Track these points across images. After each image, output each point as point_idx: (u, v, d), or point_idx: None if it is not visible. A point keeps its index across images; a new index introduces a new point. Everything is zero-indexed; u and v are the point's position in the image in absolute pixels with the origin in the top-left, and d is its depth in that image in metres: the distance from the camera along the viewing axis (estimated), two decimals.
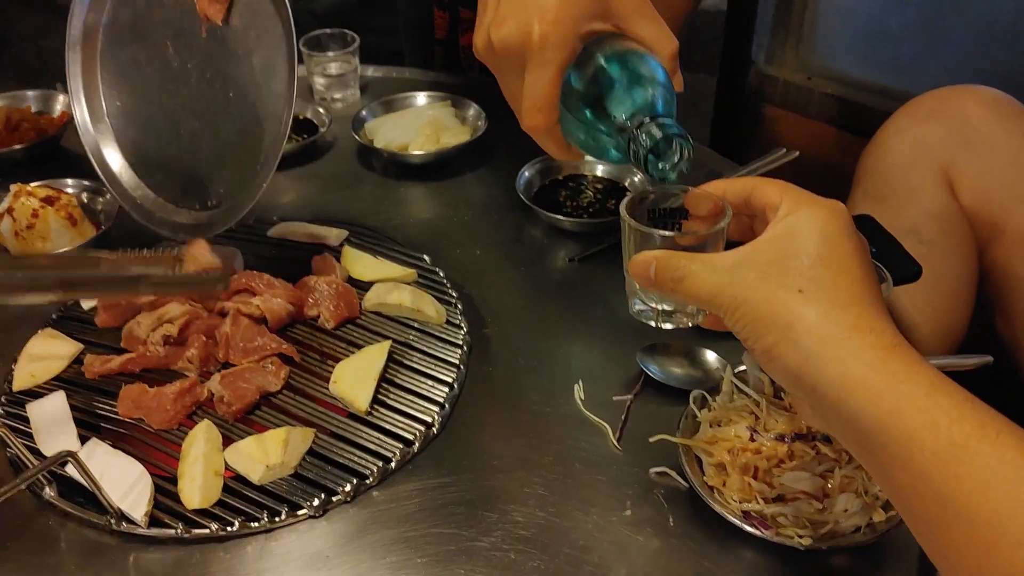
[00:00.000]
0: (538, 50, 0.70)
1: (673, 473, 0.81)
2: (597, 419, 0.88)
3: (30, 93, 1.35)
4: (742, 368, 0.86)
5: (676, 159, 0.65)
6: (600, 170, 1.20)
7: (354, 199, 1.22)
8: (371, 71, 1.50)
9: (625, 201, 0.67)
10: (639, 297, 0.70)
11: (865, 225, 0.99)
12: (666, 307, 0.69)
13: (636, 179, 1.17)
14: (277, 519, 0.79)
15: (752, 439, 0.78)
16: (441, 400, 0.89)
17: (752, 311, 0.57)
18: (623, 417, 0.88)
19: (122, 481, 0.79)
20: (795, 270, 0.56)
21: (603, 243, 1.10)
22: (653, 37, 0.73)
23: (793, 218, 0.58)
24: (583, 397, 0.90)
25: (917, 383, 0.52)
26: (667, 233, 0.64)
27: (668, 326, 0.71)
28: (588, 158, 1.13)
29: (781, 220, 0.59)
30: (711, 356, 0.92)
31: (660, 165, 0.66)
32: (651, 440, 0.83)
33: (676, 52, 0.74)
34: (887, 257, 0.92)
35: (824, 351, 0.54)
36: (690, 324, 0.70)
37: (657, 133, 0.65)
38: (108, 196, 1.14)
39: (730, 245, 0.63)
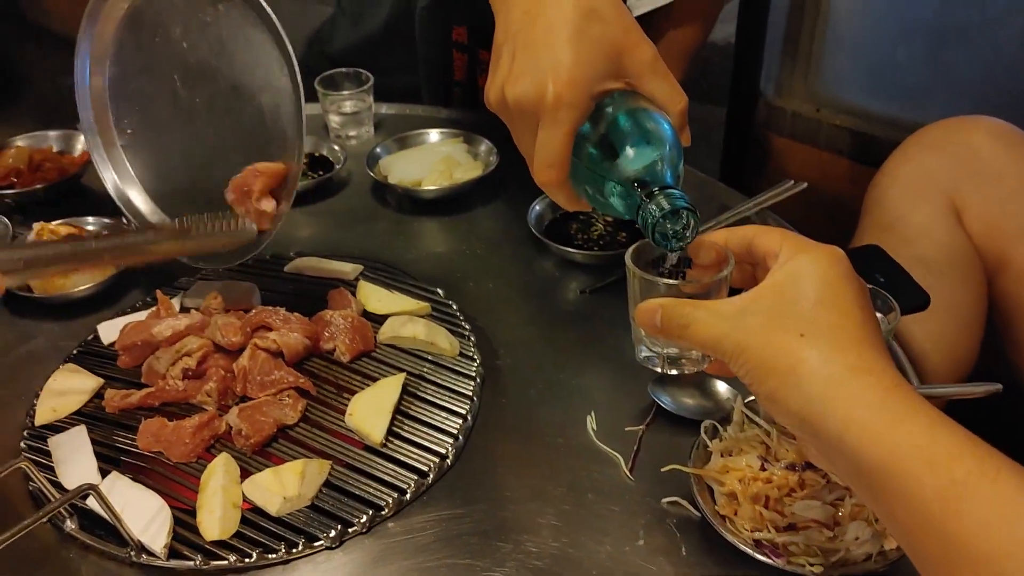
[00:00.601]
0: (552, 110, 0.71)
1: (685, 503, 0.81)
2: (609, 450, 0.89)
3: (52, 133, 1.38)
4: (752, 398, 0.87)
5: (682, 231, 0.67)
6: None
7: (369, 234, 1.24)
8: (385, 109, 1.53)
9: (630, 250, 0.69)
10: (645, 344, 0.72)
11: (873, 255, 1.00)
12: (672, 353, 0.71)
13: None
14: (294, 550, 0.80)
15: (763, 468, 0.79)
16: (455, 432, 0.90)
17: (755, 356, 0.58)
18: (635, 447, 0.89)
19: (142, 513, 0.80)
20: (796, 315, 0.58)
21: (614, 275, 1.11)
22: (664, 95, 0.74)
23: (793, 264, 0.60)
24: (595, 428, 0.91)
25: (917, 422, 0.53)
26: (672, 282, 0.67)
27: (674, 372, 0.73)
28: None
29: (781, 267, 0.61)
30: (722, 387, 0.93)
31: (666, 236, 0.67)
32: (663, 470, 0.83)
33: (686, 108, 0.76)
34: (896, 287, 0.92)
35: (826, 393, 0.55)
36: (695, 370, 0.72)
37: (665, 205, 0.66)
38: None
39: (733, 292, 0.65)
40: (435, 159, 1.29)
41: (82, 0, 1.05)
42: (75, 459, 0.87)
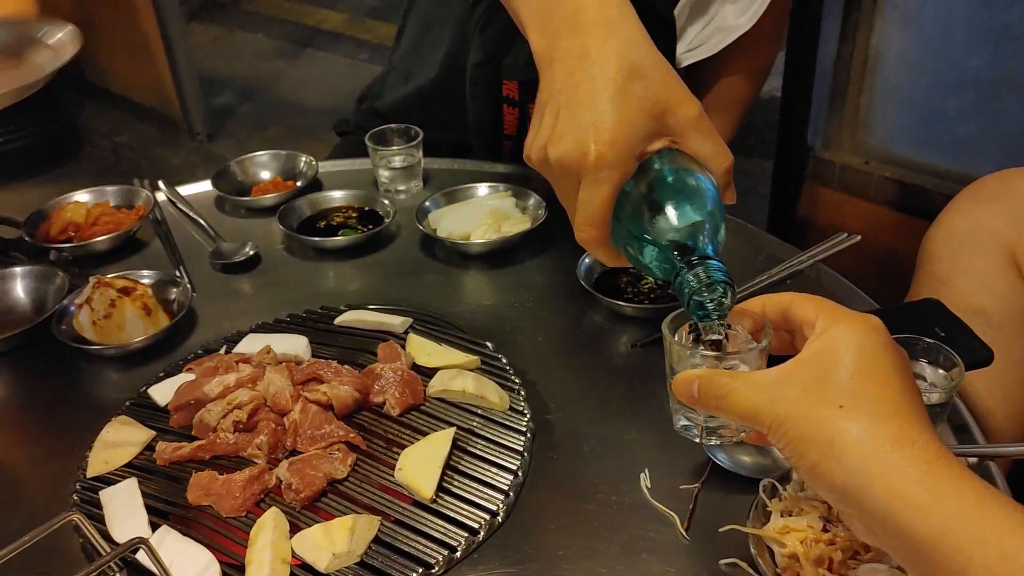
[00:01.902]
0: (594, 170, 0.71)
1: (744, 564, 0.79)
2: (664, 508, 0.86)
3: (109, 188, 1.41)
4: None
5: (719, 304, 0.66)
6: None
7: (418, 287, 1.24)
8: (434, 164, 1.54)
9: (668, 319, 0.69)
10: (683, 414, 0.71)
11: (932, 309, 0.98)
12: (710, 424, 0.70)
13: None
14: None
15: (825, 529, 0.76)
16: (505, 488, 0.89)
17: (794, 428, 0.58)
18: (691, 506, 0.87)
19: (191, 568, 0.80)
20: (835, 385, 0.57)
21: None
22: (708, 154, 0.74)
23: (830, 334, 0.60)
24: (649, 485, 0.89)
25: (964, 496, 0.52)
26: (710, 353, 0.66)
27: (713, 442, 0.72)
28: None
29: (819, 337, 0.60)
30: None
31: (703, 307, 0.66)
32: (721, 530, 0.81)
33: (731, 167, 0.75)
34: (956, 342, 0.90)
35: (868, 466, 0.54)
36: (734, 440, 0.71)
37: (704, 276, 0.66)
38: (181, 287, 1.19)
39: (772, 360, 0.64)
40: (483, 212, 1.30)
41: (137, 60, 1.07)
42: (126, 512, 0.87)
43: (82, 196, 1.39)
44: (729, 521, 0.81)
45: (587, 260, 1.18)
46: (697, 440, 0.72)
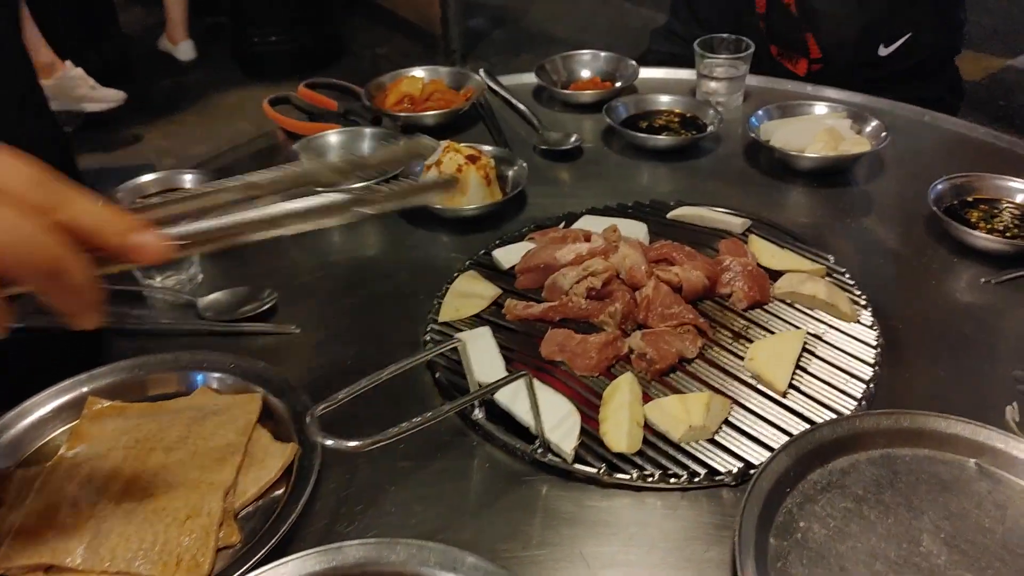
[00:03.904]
0: None
1: None
2: None
3: (443, 69, 1.46)
4: None
5: None
6: (1020, 197, 1.12)
7: (742, 195, 1.22)
8: (753, 80, 1.49)
9: None
10: None
11: None
12: None
13: None
14: (696, 479, 0.78)
15: None
16: (858, 396, 0.86)
17: None
18: None
19: (552, 415, 0.82)
20: None
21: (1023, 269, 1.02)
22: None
23: None
24: (1018, 419, 0.84)
25: None
26: None
27: None
28: None
29: None
30: None
31: None
32: None
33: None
34: None
35: None
36: None
37: None
38: (517, 166, 1.21)
39: None
40: (819, 130, 1.25)
41: None
42: (484, 356, 0.90)
43: (419, 72, 1.45)
44: None
45: (940, 187, 1.11)
46: None
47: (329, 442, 0.68)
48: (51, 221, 0.53)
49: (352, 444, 0.67)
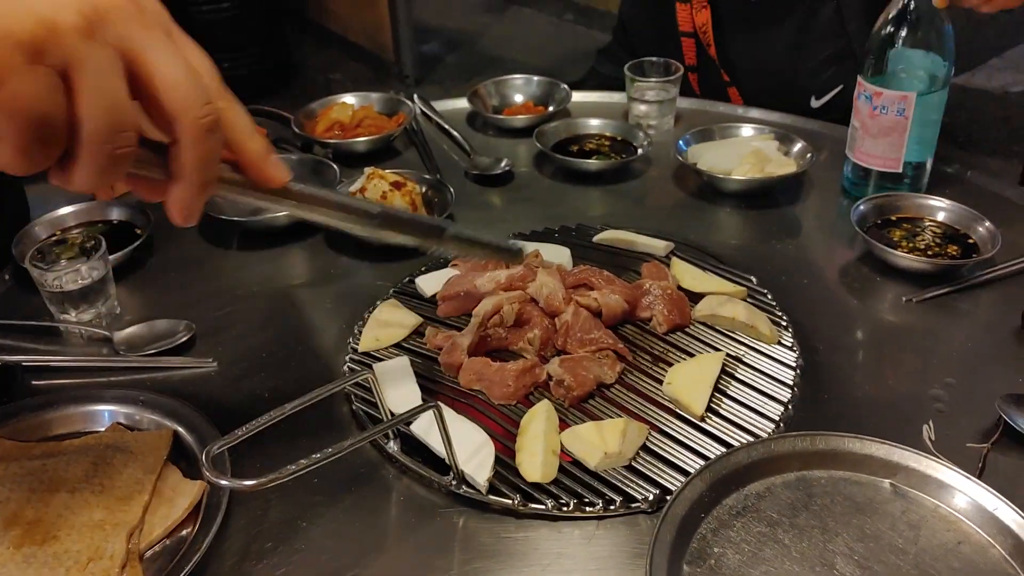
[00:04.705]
0: None
1: None
2: (949, 463, 0.81)
3: (374, 95, 1.46)
4: None
5: None
6: (941, 216, 1.13)
7: (669, 217, 1.22)
8: (684, 103, 1.50)
9: None
10: None
11: None
12: None
13: (982, 227, 1.09)
14: (611, 507, 0.77)
15: None
16: (776, 418, 0.86)
17: None
18: (979, 465, 0.81)
19: (466, 446, 0.81)
20: None
21: (944, 287, 1.03)
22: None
23: None
24: (933, 438, 0.84)
25: None
26: None
27: None
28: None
29: None
30: None
31: None
32: None
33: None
34: None
35: None
36: None
37: None
38: (443, 192, 1.21)
39: None
40: (745, 152, 1.25)
41: (358, 3, 1.09)
42: (399, 387, 0.89)
43: (349, 98, 1.44)
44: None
45: (861, 207, 1.12)
46: None
47: (224, 482, 0.67)
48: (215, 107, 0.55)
49: (248, 483, 0.65)
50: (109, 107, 0.50)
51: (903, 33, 1.10)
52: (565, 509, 0.77)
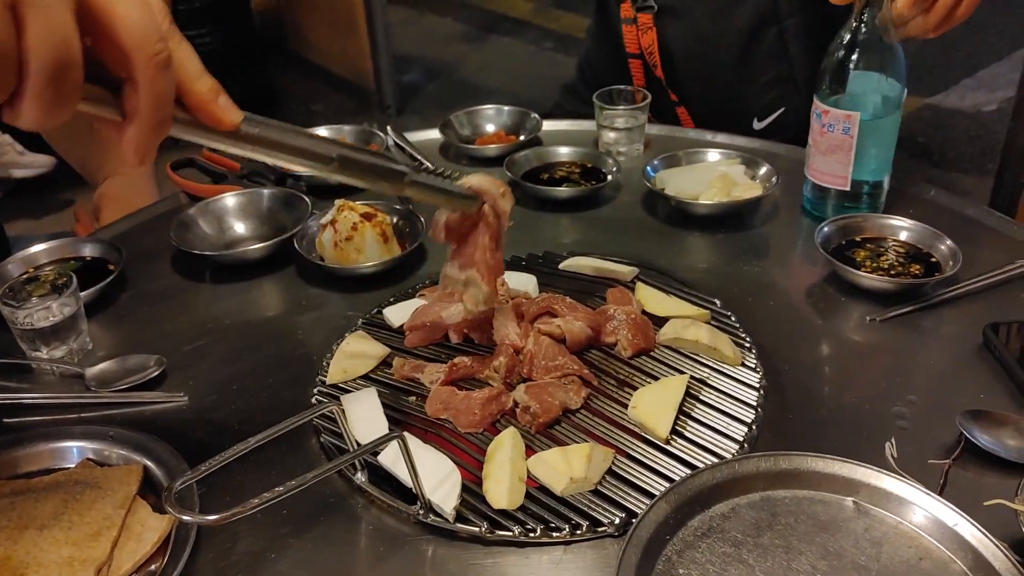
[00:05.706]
0: None
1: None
2: (911, 480, 0.82)
3: (347, 127, 1.47)
4: None
5: None
6: (904, 235, 1.15)
7: (639, 242, 1.24)
8: (654, 130, 1.52)
9: None
10: None
11: None
12: None
13: (944, 245, 1.11)
14: (578, 532, 0.78)
15: None
16: (740, 439, 0.87)
17: None
18: (941, 481, 0.82)
19: (433, 475, 0.81)
20: None
21: (907, 305, 1.05)
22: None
23: None
24: (896, 455, 0.85)
25: None
26: None
27: None
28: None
29: None
30: None
31: None
32: (986, 504, 0.76)
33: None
34: None
35: None
36: None
37: None
38: (414, 222, 1.22)
39: None
40: (712, 176, 1.27)
41: (339, 34, 1.10)
42: (367, 417, 0.90)
43: (322, 131, 1.46)
44: (984, 501, 0.76)
45: (825, 228, 1.14)
46: None
47: (187, 517, 0.67)
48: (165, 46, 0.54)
49: (211, 518, 0.66)
50: (57, 42, 0.50)
51: (854, 56, 1.12)
52: (532, 535, 0.78)
